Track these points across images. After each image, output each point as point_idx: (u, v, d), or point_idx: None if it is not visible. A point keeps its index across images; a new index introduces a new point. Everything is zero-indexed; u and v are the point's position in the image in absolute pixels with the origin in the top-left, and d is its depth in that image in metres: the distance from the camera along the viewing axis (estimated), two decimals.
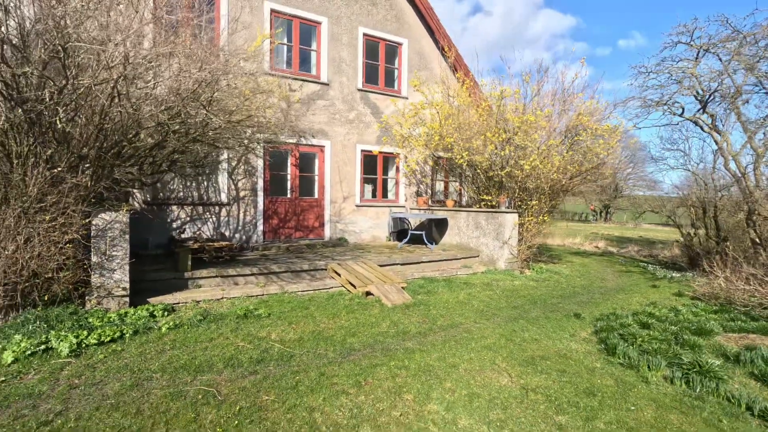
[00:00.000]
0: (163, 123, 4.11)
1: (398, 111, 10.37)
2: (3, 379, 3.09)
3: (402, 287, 6.10)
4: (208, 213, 8.30)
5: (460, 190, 11.71)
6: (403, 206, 10.79)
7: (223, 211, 8.45)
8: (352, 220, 10.03)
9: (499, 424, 2.70)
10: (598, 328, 4.96)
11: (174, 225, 7.92)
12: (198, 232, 8.13)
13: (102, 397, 2.90)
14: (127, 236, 4.75)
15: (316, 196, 9.70)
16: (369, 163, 10.40)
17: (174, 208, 7.88)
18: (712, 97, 8.85)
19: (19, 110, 3.64)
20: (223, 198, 8.41)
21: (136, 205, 7.02)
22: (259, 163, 8.66)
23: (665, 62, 9.01)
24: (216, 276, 5.96)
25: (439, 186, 11.75)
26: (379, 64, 10.37)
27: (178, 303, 5.13)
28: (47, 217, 3.92)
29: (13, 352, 3.41)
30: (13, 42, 3.18)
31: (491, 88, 8.68)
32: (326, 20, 9.46)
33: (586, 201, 44.68)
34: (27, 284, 4.10)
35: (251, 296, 5.63)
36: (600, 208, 44.83)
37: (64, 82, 3.40)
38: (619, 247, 16.48)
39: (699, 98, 9.04)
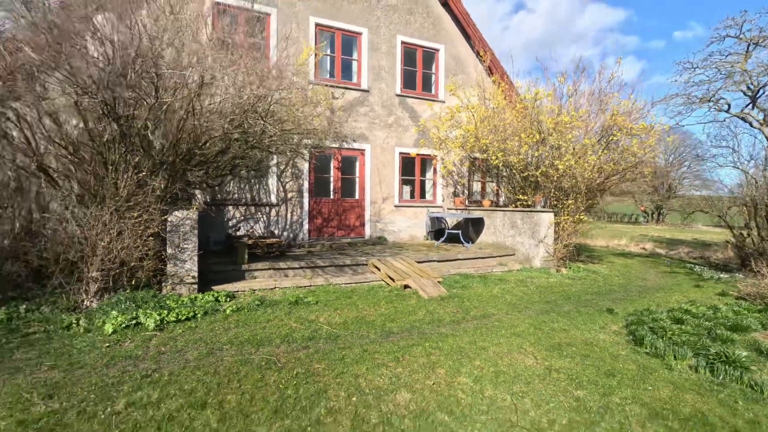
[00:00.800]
0: (228, 132, 4.76)
1: (435, 114, 10.74)
2: (108, 344, 3.79)
3: (438, 282, 6.47)
4: (259, 213, 9.05)
5: (497, 190, 11.88)
6: (441, 206, 11.13)
7: (273, 211, 9.18)
8: (391, 220, 10.49)
9: (521, 395, 3.04)
10: (628, 321, 5.10)
11: (230, 223, 8.72)
12: (251, 230, 8.89)
13: (185, 360, 3.51)
14: (196, 231, 5.46)
15: (357, 197, 10.25)
16: (407, 165, 10.84)
17: (230, 208, 8.68)
18: (763, 92, 8.56)
19: (115, 125, 4.38)
20: (273, 199, 9.14)
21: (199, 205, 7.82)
22: (305, 167, 9.32)
23: (713, 57, 8.82)
24: (269, 269, 6.60)
25: (476, 186, 11.97)
26: (417, 70, 10.79)
27: (237, 291, 5.79)
28: (135, 214, 4.66)
29: (112, 324, 4.14)
30: (118, 70, 3.90)
31: (526, 90, 8.87)
32: (366, 31, 10.01)
33: (636, 201, 42.62)
34: (117, 271, 4.86)
35: (300, 287, 6.21)
36: (651, 209, 42.67)
37: (153, 101, 4.10)
38: (668, 249, 15.86)
39: (749, 93, 8.76)
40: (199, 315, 4.62)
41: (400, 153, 10.56)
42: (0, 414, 2.54)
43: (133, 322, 4.26)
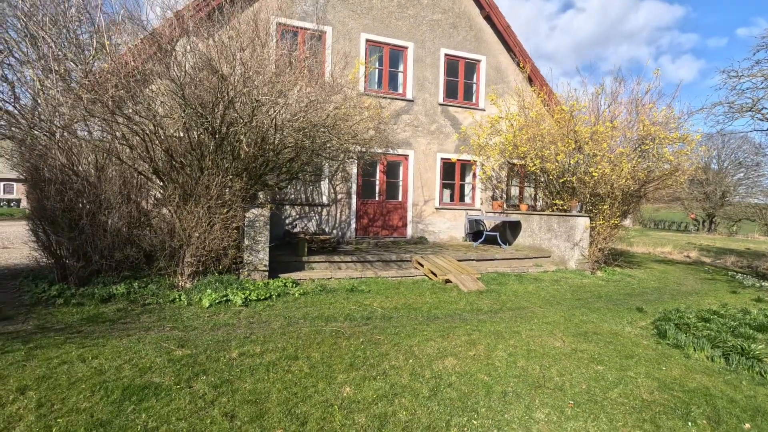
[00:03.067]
0: (299, 142, 5.64)
1: (476, 122, 11.32)
2: (208, 315, 4.72)
3: (477, 278, 7.09)
4: (312, 212, 9.99)
5: (534, 194, 12.27)
6: (479, 209, 11.67)
7: (324, 211, 10.09)
8: (432, 221, 11.16)
9: (547, 366, 3.66)
10: (656, 319, 5.52)
11: (287, 221, 9.71)
12: (305, 228, 9.84)
13: (271, 329, 4.36)
14: (268, 226, 6.39)
15: (400, 199, 11.00)
16: (448, 169, 11.47)
17: (287, 207, 9.67)
18: None
19: (211, 137, 5.35)
20: (325, 200, 10.05)
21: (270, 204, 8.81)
22: (354, 171, 10.17)
23: (761, 64, 8.88)
24: (325, 261, 7.47)
25: (513, 191, 12.41)
26: (459, 80, 11.42)
27: (300, 279, 6.67)
28: (224, 211, 5.62)
29: (208, 300, 5.09)
30: (227, 98, 4.84)
31: (565, 100, 9.29)
32: (412, 45, 10.75)
33: (686, 209, 40.78)
34: (207, 258, 5.84)
35: (352, 278, 7.02)
36: (702, 217, 40.69)
37: (248, 119, 5.03)
38: (715, 258, 15.52)
39: None
40: (273, 296, 5.51)
41: (442, 158, 11.21)
42: (152, 355, 3.46)
43: (224, 299, 5.20)
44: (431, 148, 11.03)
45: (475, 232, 11.50)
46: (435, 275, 7.17)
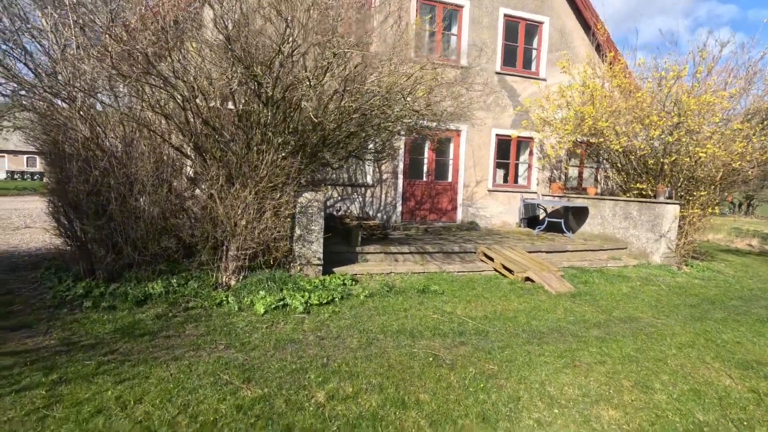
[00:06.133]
0: (365, 113, 4.60)
1: (535, 93, 10.03)
2: (266, 325, 3.84)
3: (561, 276, 6.07)
4: (355, 193, 9.01)
5: (596, 176, 11.04)
6: (535, 192, 10.53)
7: (368, 192, 9.10)
8: (484, 205, 10.08)
9: (746, 423, 2.67)
10: None
11: (327, 203, 8.75)
12: (347, 210, 8.89)
13: (348, 349, 3.46)
14: (323, 213, 5.44)
15: (450, 179, 9.91)
16: (502, 147, 10.29)
17: (329, 188, 8.69)
18: None
19: (263, 106, 4.34)
20: (369, 180, 9.04)
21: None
22: (401, 148, 9.08)
23: None
24: (380, 252, 6.52)
25: (572, 172, 11.18)
26: (518, 45, 10.08)
27: (356, 274, 5.76)
28: (277, 195, 4.67)
29: (262, 305, 4.20)
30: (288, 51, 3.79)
31: (652, 67, 7.96)
32: (468, 3, 9.42)
33: (744, 192, 38.50)
34: (254, 250, 4.93)
35: (414, 273, 6.08)
36: (740, 200, 38.50)
37: (315, 81, 3.99)
38: None
39: None
40: (336, 299, 4.60)
41: (497, 134, 10.02)
42: (212, 397, 2.58)
43: (281, 303, 4.31)
44: (486, 122, 9.83)
45: (530, 217, 10.40)
46: (509, 271, 6.17)
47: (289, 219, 4.98)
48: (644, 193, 8.12)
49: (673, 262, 7.59)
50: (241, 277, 4.94)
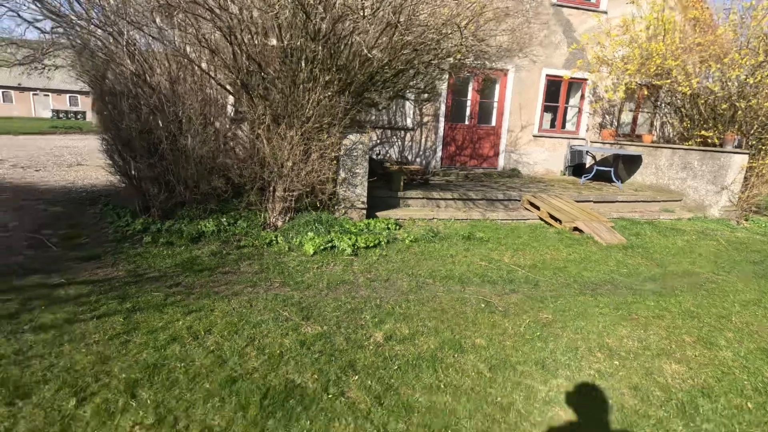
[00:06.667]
0: (417, 48, 4.29)
1: (594, 28, 9.12)
2: (317, 266, 3.91)
3: (611, 227, 5.83)
4: (394, 137, 8.77)
5: (652, 122, 10.24)
6: (583, 139, 9.94)
7: (408, 136, 8.84)
8: (527, 151, 9.64)
9: None
10: None
11: None
12: (387, 154, 8.72)
13: (399, 291, 3.49)
14: (367, 156, 5.32)
15: (494, 123, 9.46)
16: (551, 89, 9.61)
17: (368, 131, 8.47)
18: None
19: (310, 41, 4.11)
20: (409, 123, 8.75)
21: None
22: (443, 89, 8.62)
23: None
24: (422, 198, 6.43)
25: (625, 118, 10.40)
26: None
27: (399, 218, 5.72)
28: (324, 137, 4.57)
29: (311, 246, 4.26)
30: None
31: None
32: None
33: None
34: (300, 192, 4.93)
35: (458, 219, 5.99)
36: None
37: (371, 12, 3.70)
38: None
39: None
40: (383, 243, 4.60)
41: (547, 75, 9.33)
42: (275, 332, 2.68)
43: (329, 245, 4.35)
44: (536, 61, 9.11)
45: (576, 165, 9.91)
46: (556, 220, 5.97)
47: (334, 161, 4.90)
48: (709, 141, 7.48)
49: (732, 216, 7.14)
50: (287, 219, 5.00)
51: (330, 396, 2.11)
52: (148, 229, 4.44)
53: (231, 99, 5.50)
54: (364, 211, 5.41)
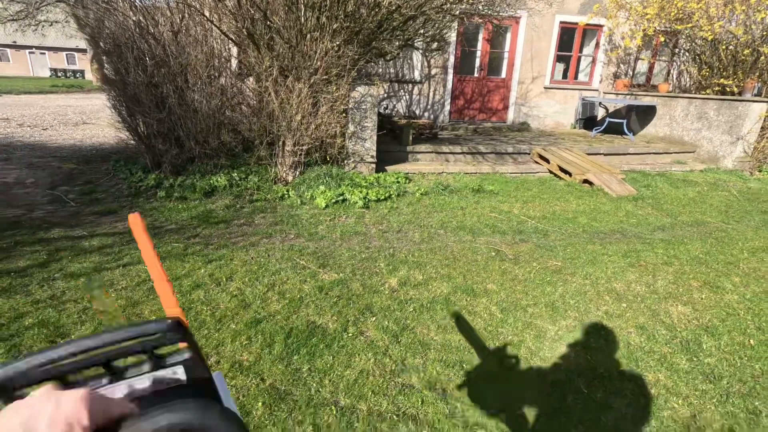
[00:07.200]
0: None
1: None
2: (330, 218, 3.98)
3: (622, 179, 5.79)
4: (402, 90, 8.57)
5: (669, 71, 9.86)
6: (596, 90, 9.64)
7: (415, 90, 8.63)
8: (537, 104, 9.41)
9: None
10: None
11: None
12: (394, 108, 8.57)
13: (411, 242, 3.56)
14: (377, 109, 5.24)
15: (503, 75, 9.17)
16: (565, 37, 9.22)
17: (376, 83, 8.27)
18: None
19: None
20: (416, 75, 8.52)
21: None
22: (453, 38, 8.30)
23: None
24: (431, 152, 6.38)
25: (640, 68, 10.01)
26: None
27: (409, 172, 5.72)
28: (333, 89, 4.49)
29: (323, 199, 4.31)
30: None
31: None
32: None
33: None
34: (310, 146, 4.92)
35: (467, 173, 5.97)
36: None
37: None
38: None
39: None
40: (393, 196, 4.64)
41: (561, 22, 8.91)
42: (293, 278, 2.78)
43: (340, 198, 4.40)
44: (549, 7, 8.68)
45: (587, 118, 9.68)
46: (566, 173, 5.94)
47: (343, 115, 4.85)
48: (727, 89, 7.24)
49: (746, 167, 7.03)
50: (297, 173, 5.02)
51: (350, 335, 2.23)
52: (161, 184, 4.49)
53: (234, 52, 5.37)
54: (374, 165, 5.41)
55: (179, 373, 0.44)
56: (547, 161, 6.33)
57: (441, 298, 2.63)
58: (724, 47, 7.14)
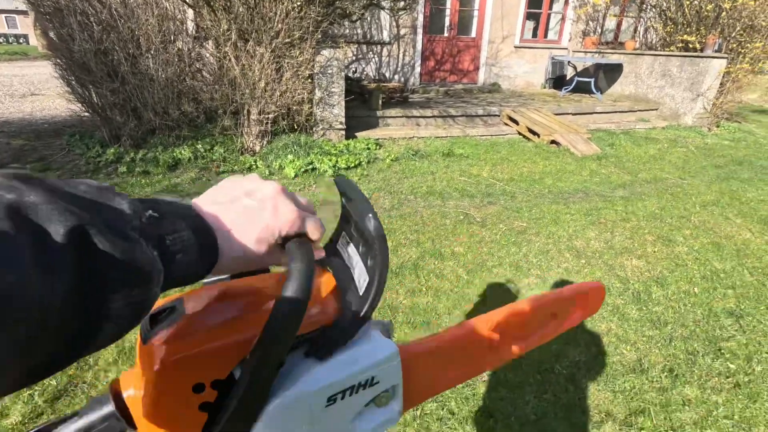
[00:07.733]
0: None
1: None
2: (299, 188, 3.94)
3: (588, 138, 5.92)
4: (371, 53, 8.33)
5: (636, 28, 9.91)
6: (565, 48, 9.63)
7: (384, 51, 8.41)
8: (508, 64, 9.35)
9: (761, 270, 2.86)
10: None
11: None
12: (363, 72, 8.35)
13: (382, 209, 3.59)
14: (344, 74, 5.10)
15: (474, 34, 9.01)
16: None
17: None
18: None
19: None
20: (385, 36, 8.27)
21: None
22: None
23: None
24: (402, 116, 6.32)
25: (608, 25, 10.00)
26: None
27: (379, 138, 5.67)
28: (296, 53, 4.33)
29: (292, 168, 4.25)
30: None
31: None
32: None
33: None
34: (277, 114, 4.79)
35: (438, 137, 5.97)
36: None
37: None
38: None
39: None
40: (363, 163, 4.62)
41: None
42: None
43: (310, 167, 4.35)
44: None
45: (557, 77, 9.71)
46: (534, 134, 6.02)
47: (309, 80, 4.71)
48: (690, 46, 7.36)
49: (705, 123, 7.29)
50: (265, 142, 4.91)
51: None
52: (121, 158, 4.32)
53: (191, 14, 5.06)
54: (343, 132, 5.33)
55: None
56: (517, 123, 6.38)
57: (410, 264, 2.71)
58: (688, 2, 7.20)
